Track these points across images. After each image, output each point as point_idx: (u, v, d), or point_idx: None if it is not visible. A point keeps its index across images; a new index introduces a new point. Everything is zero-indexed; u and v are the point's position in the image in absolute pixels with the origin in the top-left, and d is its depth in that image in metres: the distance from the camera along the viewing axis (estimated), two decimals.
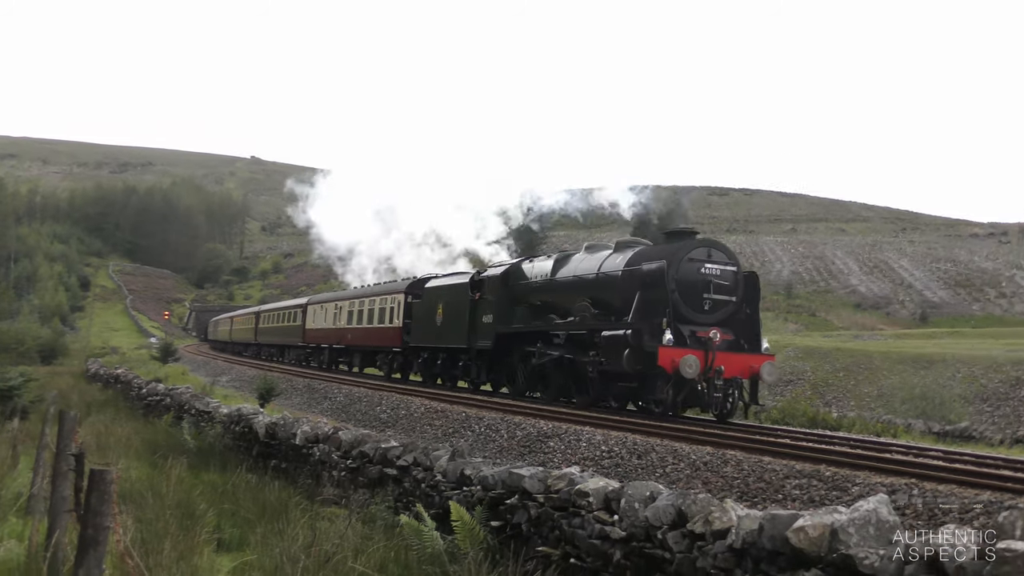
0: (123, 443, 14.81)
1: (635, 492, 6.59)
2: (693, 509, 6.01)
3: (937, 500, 9.39)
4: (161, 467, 11.94)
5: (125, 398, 25.72)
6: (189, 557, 7.24)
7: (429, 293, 28.54)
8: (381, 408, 22.63)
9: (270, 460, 13.24)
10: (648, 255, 18.33)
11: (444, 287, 27.63)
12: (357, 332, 35.60)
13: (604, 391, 19.09)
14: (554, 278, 21.55)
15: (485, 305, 24.08)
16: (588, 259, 20.65)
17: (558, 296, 21.44)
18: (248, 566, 7.57)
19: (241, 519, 9.68)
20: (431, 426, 19.28)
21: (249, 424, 14.61)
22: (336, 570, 7.06)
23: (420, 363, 29.88)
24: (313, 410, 24.23)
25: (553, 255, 23.00)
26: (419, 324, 28.85)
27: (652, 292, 17.14)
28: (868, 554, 4.75)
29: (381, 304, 32.97)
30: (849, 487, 10.29)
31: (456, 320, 25.47)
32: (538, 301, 22.41)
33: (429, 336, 27.89)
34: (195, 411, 17.80)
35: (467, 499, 8.26)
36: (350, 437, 11.74)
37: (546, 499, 7.37)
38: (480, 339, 24.02)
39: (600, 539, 6.62)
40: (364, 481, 10.61)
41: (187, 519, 8.68)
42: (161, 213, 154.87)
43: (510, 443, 16.19)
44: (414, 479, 9.68)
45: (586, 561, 6.72)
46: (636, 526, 6.34)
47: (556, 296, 21.55)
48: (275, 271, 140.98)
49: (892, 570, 4.58)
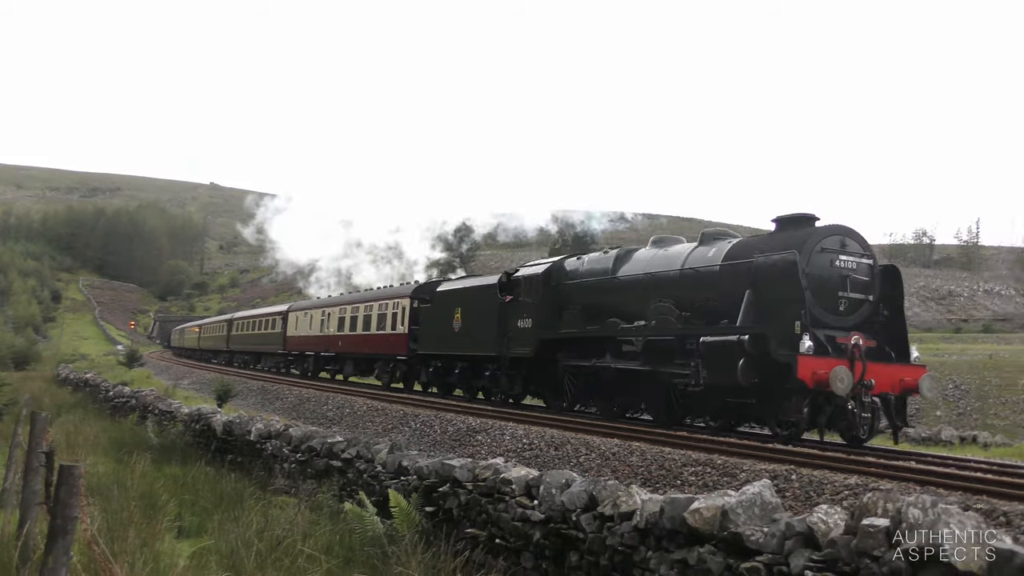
0: (91, 441, 14.37)
1: (552, 480, 6.61)
2: (603, 494, 6.04)
3: (812, 484, 9.58)
4: (126, 462, 11.64)
5: (93, 400, 24.94)
6: (151, 543, 7.08)
7: (442, 298, 23.78)
8: (328, 407, 22.36)
9: (227, 455, 12.98)
10: (758, 246, 14.08)
11: (463, 291, 22.90)
12: (351, 339, 31.17)
13: (702, 407, 14.92)
14: (616, 276, 17.01)
15: (520, 308, 19.46)
16: (662, 254, 16.29)
17: (623, 296, 16.69)
18: (206, 550, 7.43)
19: (200, 508, 9.48)
20: (372, 422, 19.11)
21: (208, 422, 14.33)
22: (287, 553, 6.96)
23: (431, 372, 24.91)
24: (266, 409, 23.82)
25: (611, 250, 18.05)
26: (429, 331, 24.25)
27: (770, 289, 13.11)
28: (754, 531, 4.82)
29: (381, 310, 28.47)
30: (738, 473, 10.44)
31: (480, 326, 20.94)
32: (593, 303, 17.56)
33: (443, 343, 23.21)
34: (158, 411, 17.39)
35: (404, 487, 8.20)
36: (299, 433, 11.59)
37: (474, 487, 7.35)
38: (516, 346, 19.40)
39: (522, 521, 6.62)
40: (312, 472, 10.47)
41: (150, 509, 8.48)
42: (127, 233, 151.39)
43: (443, 437, 16.12)
44: (357, 470, 9.59)
45: (509, 541, 6.71)
46: (553, 510, 6.35)
47: (620, 297, 16.80)
48: (232, 285, 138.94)
49: (774, 545, 4.65)
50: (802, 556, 4.43)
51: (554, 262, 19.47)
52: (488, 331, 20.36)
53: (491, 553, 6.81)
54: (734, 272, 13.83)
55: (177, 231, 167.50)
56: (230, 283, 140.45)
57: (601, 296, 17.37)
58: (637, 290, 16.20)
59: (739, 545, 4.82)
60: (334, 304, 34.31)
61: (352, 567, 6.82)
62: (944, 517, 3.92)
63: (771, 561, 4.59)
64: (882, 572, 4.01)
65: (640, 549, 5.52)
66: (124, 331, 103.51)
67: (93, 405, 23.61)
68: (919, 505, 4.11)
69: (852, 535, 4.28)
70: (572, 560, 6.09)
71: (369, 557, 7.06)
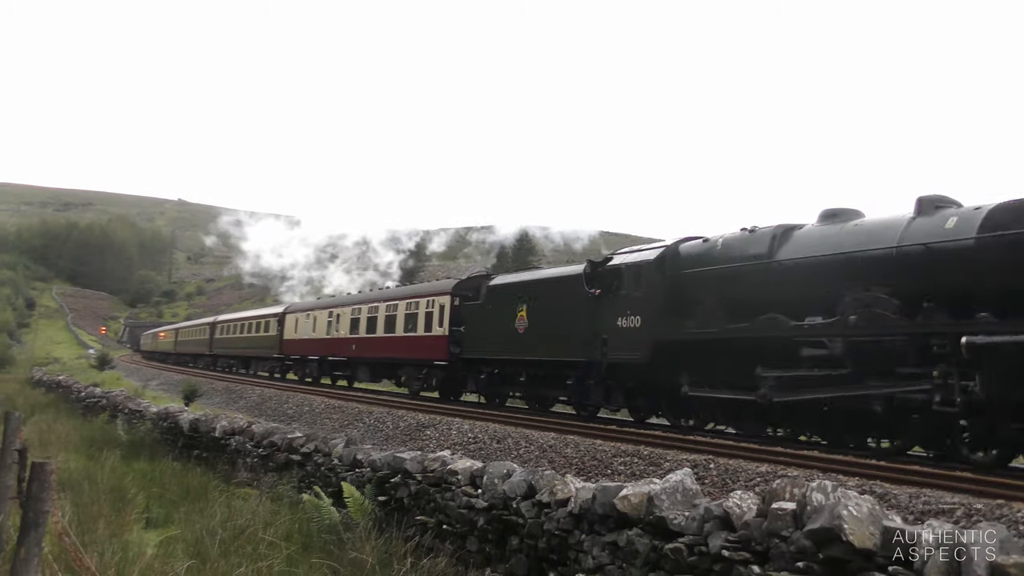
0: (63, 439, 13.93)
1: (495, 470, 6.61)
2: (541, 483, 6.05)
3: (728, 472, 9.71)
4: (97, 458, 11.33)
5: (66, 401, 24.17)
6: (120, 534, 6.92)
7: (498, 293, 18.90)
8: (288, 406, 22.04)
9: (193, 450, 12.69)
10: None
11: (529, 283, 18.11)
12: (368, 342, 25.77)
13: (989, 434, 9.52)
14: (776, 259, 12.37)
15: (620, 303, 14.78)
16: (852, 229, 11.54)
17: (793, 285, 12.05)
18: (173, 540, 7.27)
19: (167, 500, 9.26)
20: (330, 419, 18.89)
21: (175, 420, 14.01)
22: (249, 540, 6.83)
23: (483, 380, 19.79)
24: (231, 408, 23.37)
25: (767, 228, 12.99)
26: (480, 332, 19.35)
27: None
28: (676, 515, 4.86)
29: (410, 309, 23.14)
30: (662, 463, 10.53)
31: (558, 325, 16.35)
32: (739, 296, 12.89)
33: (501, 346, 18.16)
34: (128, 410, 16.95)
35: (359, 479, 8.13)
36: (262, 430, 11.42)
37: (423, 477, 7.32)
38: (617, 350, 14.76)
39: (467, 509, 6.60)
40: (273, 466, 10.30)
41: (119, 502, 8.27)
42: (99, 245, 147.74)
43: (395, 432, 15.99)
44: (315, 463, 9.47)
45: (456, 527, 6.69)
46: (496, 498, 6.34)
47: (787, 286, 12.13)
48: (199, 293, 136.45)
49: (694, 528, 4.70)
50: (719, 537, 4.48)
51: (668, 246, 14.83)
52: (571, 331, 15.92)
53: (439, 538, 6.78)
54: (1009, 246, 9.45)
55: (146, 243, 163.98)
56: (197, 291, 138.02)
57: (751, 287, 12.73)
58: (818, 276, 11.68)
59: (663, 528, 4.85)
60: (345, 304, 28.91)
61: (310, 552, 6.72)
62: (843, 500, 4.00)
63: (692, 542, 4.64)
64: (790, 551, 4.08)
65: (575, 533, 5.54)
66: (95, 336, 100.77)
67: (65, 405, 22.89)
68: (821, 490, 4.20)
69: (763, 518, 4.34)
70: (513, 543, 6.08)
71: (326, 543, 6.98)
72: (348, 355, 27.22)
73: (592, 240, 46.71)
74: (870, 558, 3.78)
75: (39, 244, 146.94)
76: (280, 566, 6.21)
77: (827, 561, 3.90)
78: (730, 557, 4.34)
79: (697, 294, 13.70)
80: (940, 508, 7.42)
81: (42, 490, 4.27)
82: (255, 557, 6.35)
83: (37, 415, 18.54)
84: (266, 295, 72.08)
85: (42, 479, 4.29)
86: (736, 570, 4.29)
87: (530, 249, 54.95)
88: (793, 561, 4.04)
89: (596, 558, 5.27)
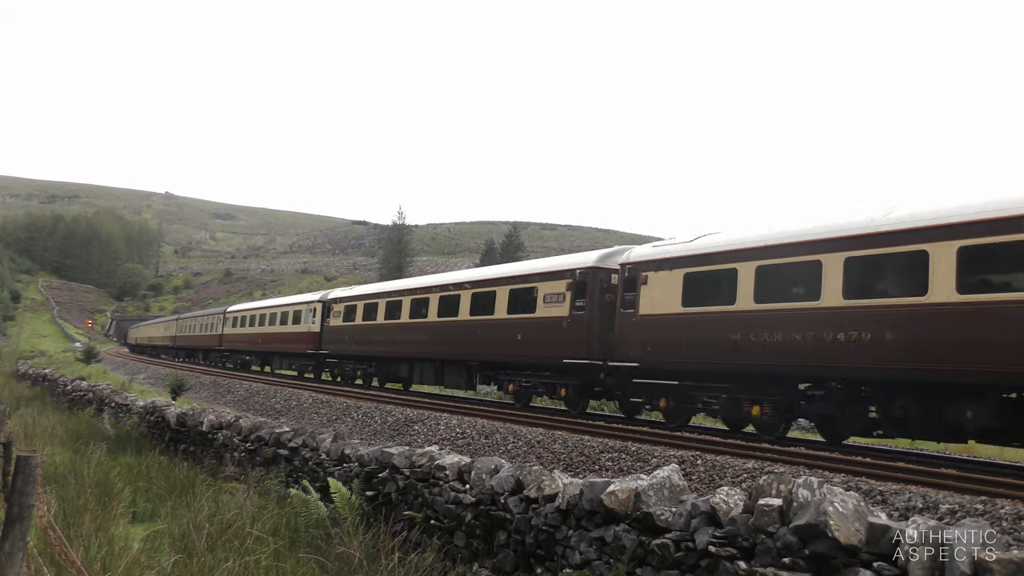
0: (49, 433, 13.86)
1: (483, 465, 6.60)
2: (528, 479, 6.05)
3: (715, 468, 9.75)
4: (83, 452, 11.26)
5: (52, 394, 24.02)
6: (106, 528, 6.87)
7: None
8: (276, 400, 21.97)
9: (180, 444, 12.64)
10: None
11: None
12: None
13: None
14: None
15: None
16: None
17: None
18: (159, 534, 7.24)
19: (154, 495, 9.22)
20: (318, 414, 18.85)
21: (162, 414, 13.95)
22: (236, 535, 6.81)
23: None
24: (218, 402, 23.32)
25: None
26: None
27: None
28: (663, 511, 4.88)
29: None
30: (650, 459, 10.57)
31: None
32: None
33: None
34: (115, 404, 16.84)
35: (347, 474, 8.11)
36: (249, 424, 11.37)
37: (411, 472, 7.30)
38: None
39: (455, 504, 6.60)
40: (260, 460, 10.27)
41: (105, 496, 8.22)
42: (85, 238, 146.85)
43: (383, 427, 15.97)
44: (303, 458, 9.44)
45: (443, 522, 6.69)
46: (483, 493, 6.34)
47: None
48: (186, 287, 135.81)
49: (681, 523, 4.72)
50: (706, 533, 4.50)
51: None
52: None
53: (427, 533, 6.78)
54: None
55: (133, 236, 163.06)
56: (184, 285, 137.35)
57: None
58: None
59: (650, 524, 4.87)
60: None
61: (297, 547, 6.71)
62: (829, 496, 4.02)
63: (679, 538, 4.66)
64: (776, 547, 4.10)
65: (562, 528, 5.55)
66: (81, 329, 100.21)
67: (51, 398, 22.77)
68: (807, 486, 4.22)
69: (750, 514, 4.36)
70: (501, 539, 6.09)
71: (313, 538, 6.96)
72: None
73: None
74: (855, 554, 3.81)
75: (25, 236, 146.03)
76: (267, 561, 6.20)
77: (813, 557, 3.92)
78: (716, 553, 4.36)
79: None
80: (925, 504, 7.48)
81: (27, 484, 4.25)
82: (242, 552, 6.34)
83: (22, 408, 18.45)
84: (255, 289, 71.76)
85: (27, 473, 4.27)
86: (722, 566, 4.31)
87: (519, 245, 55.04)
88: (779, 557, 4.06)
89: (583, 554, 5.28)
